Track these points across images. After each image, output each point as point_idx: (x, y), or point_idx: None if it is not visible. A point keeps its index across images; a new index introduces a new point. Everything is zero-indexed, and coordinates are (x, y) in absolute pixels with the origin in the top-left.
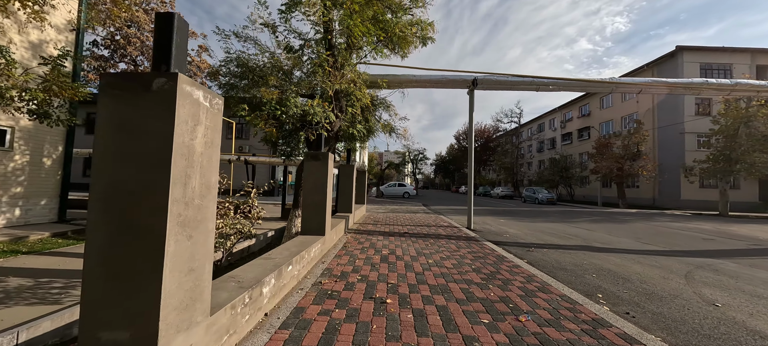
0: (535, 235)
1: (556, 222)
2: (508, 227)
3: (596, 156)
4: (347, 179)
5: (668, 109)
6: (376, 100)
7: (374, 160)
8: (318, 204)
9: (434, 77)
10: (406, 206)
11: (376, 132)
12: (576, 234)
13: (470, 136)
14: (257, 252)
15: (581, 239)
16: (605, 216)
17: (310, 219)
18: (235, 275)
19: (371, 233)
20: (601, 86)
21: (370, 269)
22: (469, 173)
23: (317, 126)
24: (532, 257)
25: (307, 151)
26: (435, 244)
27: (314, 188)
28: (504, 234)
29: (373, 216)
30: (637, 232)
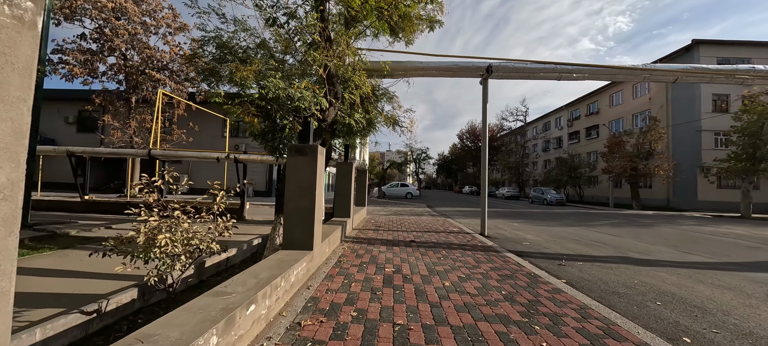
0: (557, 242)
1: (574, 226)
2: (523, 232)
3: (608, 155)
4: (345, 178)
5: (683, 106)
6: (378, 89)
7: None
8: (304, 211)
9: (443, 64)
10: (409, 207)
11: (377, 124)
12: (601, 241)
13: (484, 131)
14: (240, 264)
15: (612, 248)
16: (624, 219)
17: (294, 230)
18: (149, 334)
19: (372, 241)
20: (633, 74)
21: (369, 297)
22: (482, 172)
23: (305, 113)
24: (568, 274)
25: (290, 144)
26: (448, 257)
27: (299, 190)
28: (522, 241)
29: (375, 219)
30: (668, 237)
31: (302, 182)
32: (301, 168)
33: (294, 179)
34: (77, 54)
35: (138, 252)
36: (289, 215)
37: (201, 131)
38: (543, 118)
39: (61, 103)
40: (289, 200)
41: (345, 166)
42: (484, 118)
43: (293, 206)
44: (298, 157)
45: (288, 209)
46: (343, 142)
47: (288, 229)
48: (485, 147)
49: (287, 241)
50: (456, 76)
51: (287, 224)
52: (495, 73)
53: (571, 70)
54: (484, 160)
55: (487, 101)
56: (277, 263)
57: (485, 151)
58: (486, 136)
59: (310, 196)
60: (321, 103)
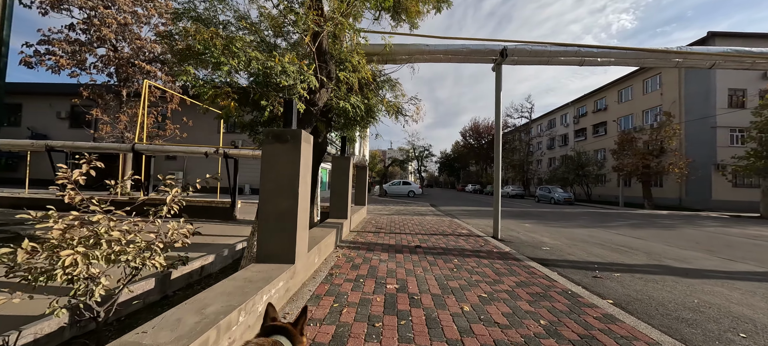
0: (579, 246)
1: (590, 227)
2: (538, 234)
3: (618, 152)
4: (342, 175)
5: (697, 101)
6: (379, 76)
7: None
8: (284, 214)
9: (452, 48)
10: (412, 206)
11: (378, 114)
12: (627, 245)
13: (497, 122)
14: (218, 273)
15: (643, 254)
16: (641, 219)
17: (270, 238)
18: None
19: (372, 246)
20: (664, 58)
21: (365, 332)
22: (495, 169)
23: (289, 92)
24: (611, 290)
25: (266, 129)
26: (462, 267)
27: (277, 188)
28: (541, 246)
29: (376, 220)
30: (698, 241)
31: (281, 178)
32: (280, 160)
33: (271, 174)
34: (64, 45)
35: (33, 275)
36: (265, 220)
37: (196, 127)
38: (548, 115)
39: (53, 98)
40: (264, 200)
41: (342, 161)
42: (498, 108)
43: (270, 208)
44: (277, 146)
45: (263, 212)
46: (339, 135)
47: (263, 237)
48: (498, 140)
49: (262, 252)
50: (466, 61)
51: (262, 231)
52: (510, 57)
53: (596, 54)
54: (497, 155)
55: (501, 89)
56: (241, 286)
57: (498, 145)
58: (499, 128)
59: (292, 195)
60: (309, 82)
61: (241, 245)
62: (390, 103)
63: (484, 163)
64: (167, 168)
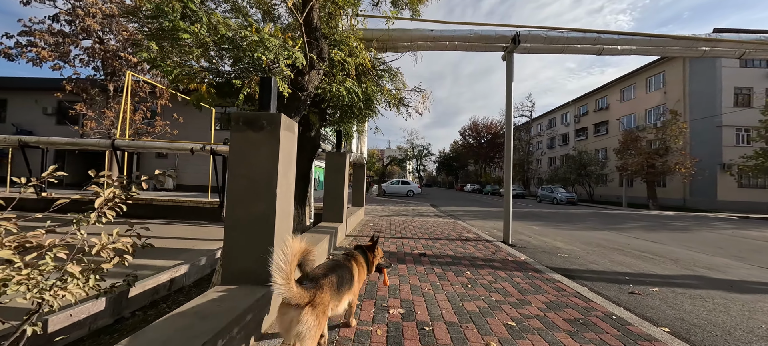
0: (598, 252)
1: (601, 229)
2: (549, 237)
3: (622, 151)
4: (337, 173)
5: (702, 100)
6: (378, 64)
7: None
8: (257, 221)
9: (458, 33)
10: (412, 206)
11: (377, 103)
12: (649, 250)
13: (508, 115)
14: (193, 285)
15: (671, 262)
16: (651, 221)
17: (238, 252)
18: None
19: None
20: (690, 47)
21: None
22: (506, 167)
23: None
24: (659, 312)
25: (235, 113)
26: (477, 281)
27: (250, 188)
28: (557, 252)
29: (374, 222)
30: (721, 245)
31: (255, 175)
32: (254, 152)
33: (240, 169)
34: (46, 36)
35: None
36: (233, 229)
37: (189, 123)
38: (548, 115)
39: (39, 93)
40: (232, 203)
41: (337, 157)
42: (509, 100)
43: (240, 213)
44: (249, 134)
45: (231, 219)
46: (335, 129)
47: (230, 251)
48: (510, 136)
49: (229, 270)
50: (474, 49)
51: (229, 244)
52: (523, 44)
53: (616, 42)
54: (508, 152)
55: (512, 80)
56: (190, 323)
57: (510, 140)
58: (511, 122)
59: (268, 197)
60: (295, 58)
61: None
62: (391, 92)
63: (483, 163)
64: (157, 166)
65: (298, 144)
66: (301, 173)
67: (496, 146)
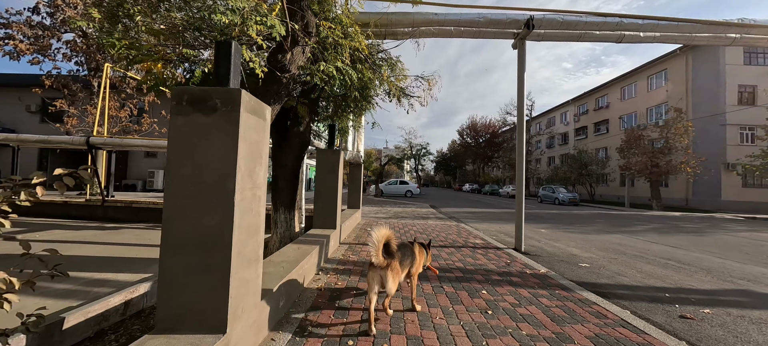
0: (619, 261)
1: (611, 232)
2: (561, 242)
3: (625, 150)
4: (329, 173)
5: (705, 98)
6: (376, 52)
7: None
8: (207, 241)
9: (466, 17)
10: (410, 207)
11: (375, 91)
12: (673, 257)
13: (520, 107)
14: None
15: (702, 271)
16: (660, 222)
17: (180, 285)
18: None
19: (366, 266)
20: (721, 34)
21: None
22: (518, 165)
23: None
24: (724, 344)
25: (179, 89)
26: (497, 304)
27: (197, 196)
28: (577, 261)
29: (371, 225)
30: (747, 251)
31: (204, 175)
32: (202, 142)
33: (183, 168)
34: (24, 28)
35: None
36: (170, 253)
37: None
38: (547, 114)
39: (22, 90)
40: (171, 215)
41: (329, 155)
42: (521, 91)
43: (183, 229)
44: (196, 119)
45: (169, 238)
46: (327, 124)
47: (167, 284)
48: (522, 131)
49: (165, 315)
50: (482, 36)
51: (165, 273)
52: (536, 30)
53: (639, 27)
54: (520, 148)
55: (525, 69)
56: None
57: (522, 135)
58: (523, 115)
59: (222, 205)
60: (272, 27)
61: None
62: (391, 79)
63: (482, 163)
64: (147, 166)
65: (285, 140)
66: (289, 173)
67: (494, 146)
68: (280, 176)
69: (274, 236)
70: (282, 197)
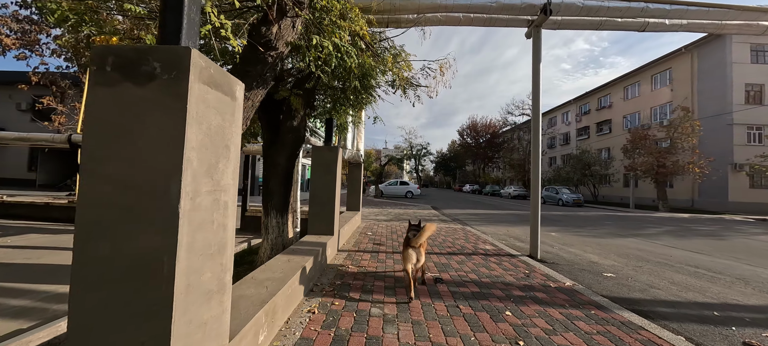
0: (643, 268)
1: (625, 236)
2: (576, 247)
3: (630, 151)
4: (326, 173)
5: (711, 97)
6: (377, 39)
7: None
8: (134, 271)
9: (477, 2)
10: (412, 209)
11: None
12: (700, 265)
13: (535, 101)
14: None
15: (739, 281)
16: (672, 225)
17: (90, 342)
18: None
19: (368, 283)
20: (755, 22)
21: None
22: (533, 163)
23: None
24: None
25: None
26: (528, 331)
27: (125, 204)
28: (600, 271)
29: (373, 229)
30: None
31: (139, 174)
32: (135, 125)
33: (106, 164)
34: (10, 22)
35: None
36: (83, 285)
37: None
38: (548, 114)
39: (12, 87)
40: (85, 233)
41: (326, 153)
42: (536, 83)
43: (102, 252)
44: (126, 91)
45: (81, 264)
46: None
47: (79, 337)
48: (537, 126)
49: None
50: (493, 24)
51: (76, 314)
52: (554, 16)
53: (666, 14)
54: (536, 146)
55: (540, 60)
56: None
57: (537, 130)
58: (538, 108)
59: (163, 218)
60: None
61: None
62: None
63: (482, 163)
64: None
65: (277, 137)
66: (281, 173)
67: (494, 146)
68: (272, 177)
69: (265, 242)
70: (274, 200)
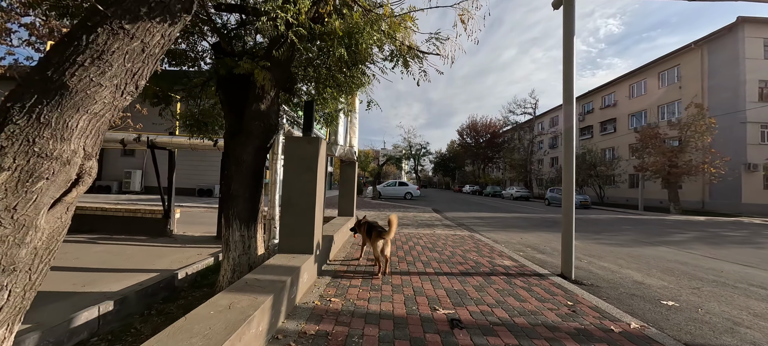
0: (702, 291)
1: (654, 245)
2: (606, 260)
3: (640, 150)
4: (303, 171)
5: (723, 95)
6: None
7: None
8: None
9: None
10: (412, 211)
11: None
12: (764, 283)
13: (568, 79)
14: None
15: None
16: (697, 229)
17: None
18: None
19: (356, 324)
20: None
21: None
22: (566, 160)
23: None
24: None
25: None
26: None
27: None
28: (658, 299)
29: None
30: None
31: None
32: None
33: None
34: None
35: None
36: None
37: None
38: (549, 113)
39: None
40: None
41: (304, 146)
42: (569, 57)
43: None
44: None
45: None
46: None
47: None
48: (570, 111)
49: None
50: None
51: None
52: None
53: None
54: (570, 137)
55: (573, 32)
56: None
57: (571, 115)
58: (572, 89)
59: None
60: None
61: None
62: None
63: (482, 163)
64: (123, 166)
65: (241, 125)
66: (247, 171)
67: (495, 146)
68: (235, 176)
69: (225, 263)
70: (237, 206)
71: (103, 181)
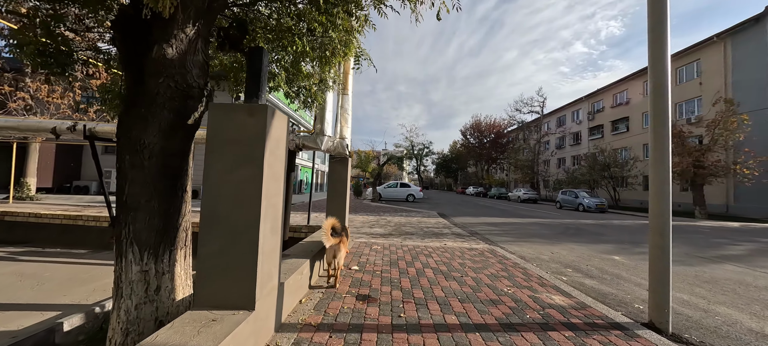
0: None
1: (720, 261)
2: (690, 293)
3: None
4: (242, 163)
5: (748, 91)
6: None
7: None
8: None
9: None
10: (416, 216)
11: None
12: None
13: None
14: None
15: None
16: (746, 238)
17: None
18: None
19: None
20: None
21: None
22: (653, 160)
23: None
24: None
25: None
26: None
27: None
28: None
29: (366, 254)
30: None
31: None
32: None
33: None
34: None
35: None
36: None
37: None
38: (556, 112)
39: None
40: None
41: (243, 117)
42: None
43: None
44: None
45: None
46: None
47: None
48: (666, 89)
49: None
50: None
51: None
52: None
53: None
54: (666, 134)
55: None
56: None
57: (666, 96)
58: (666, 46)
59: None
60: None
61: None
62: None
63: (486, 164)
64: (104, 165)
65: (141, 86)
66: (153, 164)
67: (499, 147)
68: (132, 173)
69: (113, 319)
70: (135, 223)
71: (82, 181)
